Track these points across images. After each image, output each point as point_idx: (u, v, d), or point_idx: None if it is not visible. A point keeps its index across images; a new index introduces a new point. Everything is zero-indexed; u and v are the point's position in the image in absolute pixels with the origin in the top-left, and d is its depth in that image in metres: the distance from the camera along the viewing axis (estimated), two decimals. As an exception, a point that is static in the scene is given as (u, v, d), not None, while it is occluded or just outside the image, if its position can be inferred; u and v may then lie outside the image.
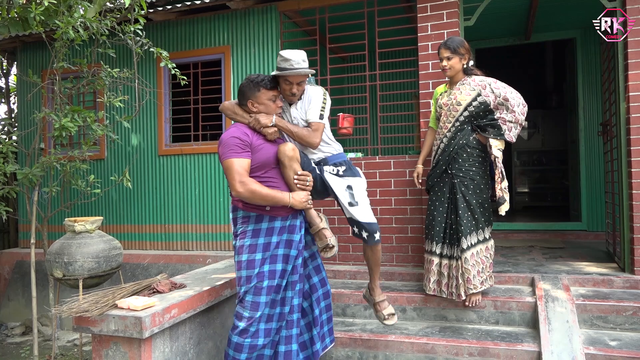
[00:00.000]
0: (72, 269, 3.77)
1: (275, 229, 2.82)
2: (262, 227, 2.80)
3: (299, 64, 2.79)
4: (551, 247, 5.38)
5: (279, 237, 2.83)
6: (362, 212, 2.95)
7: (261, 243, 2.79)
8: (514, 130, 3.47)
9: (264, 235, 2.80)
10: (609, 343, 3.17)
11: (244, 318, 2.75)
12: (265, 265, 2.78)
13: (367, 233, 2.96)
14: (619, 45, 4.01)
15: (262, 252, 2.78)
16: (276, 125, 2.83)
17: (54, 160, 4.33)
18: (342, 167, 3.03)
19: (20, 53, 6.34)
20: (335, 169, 3.01)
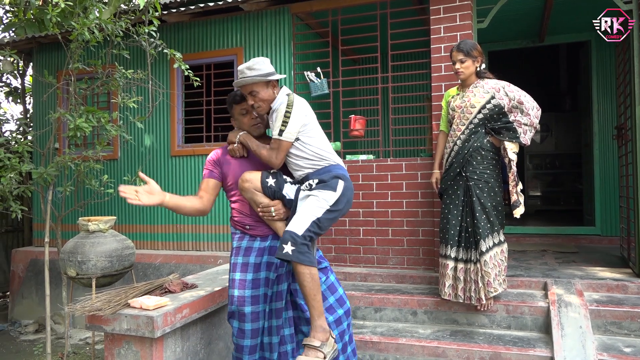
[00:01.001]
0: (85, 268, 3.80)
1: (254, 249, 2.70)
2: (242, 245, 2.73)
3: (243, 73, 2.55)
4: (564, 252, 5.33)
5: (259, 259, 2.69)
6: (292, 220, 2.51)
7: (239, 262, 2.70)
8: (528, 134, 3.46)
9: (242, 254, 2.71)
10: (623, 349, 3.13)
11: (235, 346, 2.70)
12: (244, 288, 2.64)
13: (280, 242, 2.45)
14: (634, 48, 3.97)
15: (240, 272, 2.68)
16: (241, 142, 2.71)
17: (69, 160, 4.38)
18: (315, 181, 2.57)
19: (36, 54, 6.43)
20: (308, 184, 2.58)
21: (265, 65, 2.57)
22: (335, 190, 2.53)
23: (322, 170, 2.61)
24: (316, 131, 2.65)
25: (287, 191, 2.63)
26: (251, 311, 2.64)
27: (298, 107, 2.55)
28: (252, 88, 2.56)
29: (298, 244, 2.41)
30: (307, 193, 2.56)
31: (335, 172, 2.60)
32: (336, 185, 2.55)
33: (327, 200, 2.51)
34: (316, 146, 2.61)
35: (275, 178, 2.63)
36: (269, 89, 2.59)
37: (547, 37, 6.35)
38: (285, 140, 2.53)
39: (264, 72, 2.54)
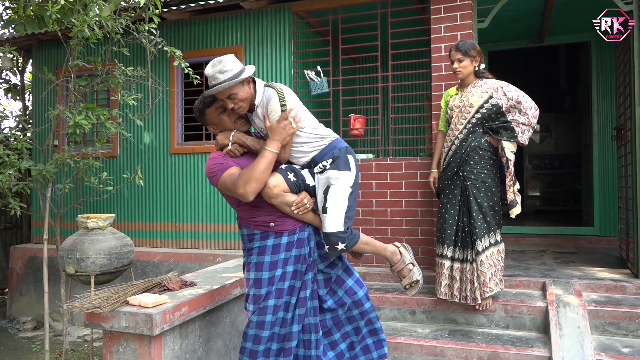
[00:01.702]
0: (84, 265, 3.80)
1: (282, 245, 2.56)
2: (268, 243, 2.57)
3: (216, 79, 2.38)
4: (563, 252, 5.34)
5: (287, 254, 2.56)
6: (327, 220, 2.52)
7: (267, 261, 2.56)
8: (526, 133, 3.46)
9: (270, 253, 2.56)
10: (621, 350, 3.14)
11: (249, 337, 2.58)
12: (273, 284, 2.54)
13: (328, 245, 2.55)
14: (634, 49, 3.97)
15: (269, 270, 2.55)
16: (235, 142, 2.53)
17: (68, 157, 4.37)
18: (329, 160, 2.54)
19: (35, 51, 6.42)
20: (321, 166, 2.56)
21: (235, 63, 2.42)
22: (350, 169, 2.56)
23: (326, 149, 2.56)
24: (305, 113, 2.59)
25: (308, 180, 2.58)
26: (274, 304, 2.53)
27: (289, 94, 2.49)
28: (230, 91, 2.41)
29: (346, 238, 2.54)
30: (325, 179, 2.53)
31: (339, 146, 2.58)
32: (348, 162, 2.55)
33: (346, 183, 2.54)
34: (312, 127, 2.57)
35: (293, 171, 2.55)
36: (245, 86, 2.46)
37: (547, 38, 6.35)
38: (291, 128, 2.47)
39: (237, 71, 2.39)
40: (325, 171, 2.53)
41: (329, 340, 2.73)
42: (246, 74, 2.41)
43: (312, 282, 2.62)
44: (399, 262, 2.72)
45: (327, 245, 2.55)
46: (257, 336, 2.55)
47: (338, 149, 2.56)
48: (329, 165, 2.53)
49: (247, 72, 2.42)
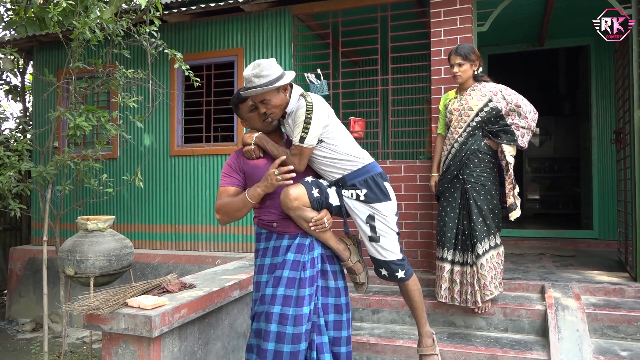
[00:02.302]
0: (83, 267, 3.80)
1: (282, 248, 2.49)
2: (270, 245, 2.53)
3: (251, 82, 2.35)
4: (562, 255, 5.34)
5: (284, 257, 2.47)
6: (383, 249, 2.56)
7: (267, 264, 2.51)
8: (526, 136, 3.47)
9: (270, 255, 2.51)
10: (620, 353, 3.14)
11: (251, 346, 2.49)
12: (268, 288, 2.46)
13: (387, 272, 2.62)
14: (633, 53, 3.98)
15: (267, 273, 2.50)
16: (257, 144, 2.51)
17: (68, 159, 4.38)
18: (362, 190, 2.49)
19: (36, 52, 6.43)
20: (354, 193, 2.51)
21: (273, 69, 2.36)
22: (391, 199, 2.56)
23: (358, 172, 2.51)
24: (340, 130, 2.52)
25: (332, 199, 2.51)
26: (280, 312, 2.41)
27: (318, 109, 2.38)
28: (264, 97, 2.37)
29: (405, 265, 2.63)
30: (365, 208, 2.51)
31: (373, 171, 2.53)
32: (386, 191, 2.54)
33: (391, 212, 2.56)
34: (344, 146, 2.50)
35: (318, 187, 2.47)
36: (280, 94, 2.41)
37: (546, 41, 6.37)
38: (306, 146, 2.39)
39: (274, 78, 2.34)
40: (365, 203, 2.51)
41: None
42: (282, 82, 2.36)
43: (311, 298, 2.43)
44: (429, 348, 2.82)
45: (386, 271, 2.62)
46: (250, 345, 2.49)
47: (371, 175, 2.52)
48: (363, 195, 2.50)
49: (283, 80, 2.37)
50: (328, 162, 2.51)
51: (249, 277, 3.80)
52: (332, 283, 2.53)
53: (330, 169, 2.52)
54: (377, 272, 2.66)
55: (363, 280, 2.65)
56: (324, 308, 2.49)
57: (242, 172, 2.55)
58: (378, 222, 2.53)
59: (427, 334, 2.83)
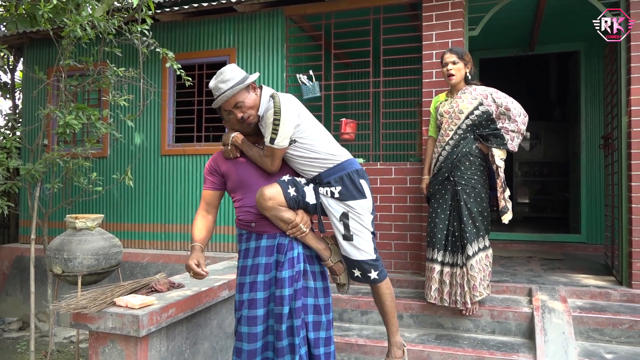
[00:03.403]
0: (71, 266, 3.78)
1: (261, 248, 2.49)
2: (251, 246, 2.53)
3: (219, 90, 2.39)
4: (550, 259, 5.39)
5: (267, 259, 2.48)
6: (356, 249, 2.52)
7: (249, 265, 2.52)
8: (516, 140, 3.50)
9: (252, 256, 2.51)
10: (605, 356, 3.18)
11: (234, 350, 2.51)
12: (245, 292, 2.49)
13: (360, 272, 2.56)
14: (622, 59, 4.04)
15: (249, 274, 2.50)
16: (233, 145, 2.54)
17: (57, 157, 4.35)
18: (337, 187, 2.46)
19: (27, 49, 6.39)
20: (329, 190, 2.48)
21: (236, 71, 2.41)
22: (366, 196, 2.50)
23: (334, 169, 2.48)
24: (314, 129, 2.49)
25: (309, 198, 2.49)
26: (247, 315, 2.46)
27: (287, 109, 2.35)
28: (236, 100, 2.39)
29: (378, 266, 2.57)
30: (339, 206, 2.48)
31: (349, 168, 2.49)
32: (362, 188, 2.49)
33: (366, 210, 2.51)
34: (319, 144, 2.47)
35: (295, 186, 2.45)
36: (250, 93, 2.43)
37: (537, 47, 6.43)
38: (277, 147, 2.38)
39: (239, 79, 2.38)
40: (339, 201, 2.47)
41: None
42: (248, 81, 2.39)
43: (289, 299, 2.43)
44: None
45: (359, 272, 2.55)
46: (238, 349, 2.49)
47: (347, 172, 2.48)
48: (337, 193, 2.46)
49: (250, 79, 2.40)
50: (304, 162, 2.49)
51: (238, 278, 3.79)
52: (312, 283, 2.53)
53: (307, 167, 2.51)
54: (350, 273, 2.61)
55: (344, 281, 2.62)
56: (303, 308, 2.49)
57: (219, 174, 2.60)
58: (352, 220, 2.49)
59: (397, 344, 2.72)
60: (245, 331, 2.46)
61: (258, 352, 2.46)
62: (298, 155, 2.48)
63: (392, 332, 2.73)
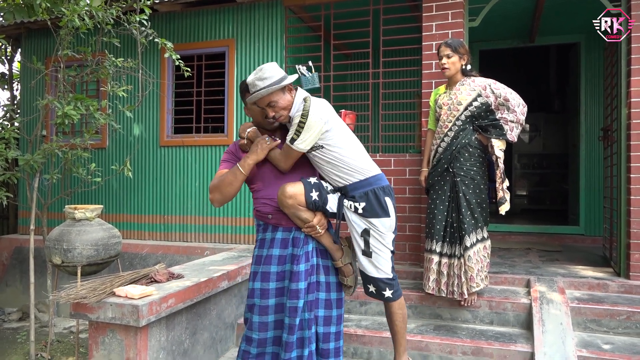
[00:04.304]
0: (70, 256, 3.78)
1: (276, 240, 2.51)
2: (267, 237, 2.55)
3: (255, 86, 2.36)
4: (548, 250, 5.40)
5: (282, 251, 2.50)
6: (373, 266, 2.53)
7: (264, 255, 2.54)
8: (515, 130, 3.50)
9: (267, 247, 2.54)
10: (602, 346, 3.20)
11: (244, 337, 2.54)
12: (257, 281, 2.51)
13: (375, 288, 2.58)
14: (622, 51, 4.02)
15: (262, 264, 2.52)
16: (249, 139, 2.53)
17: (56, 148, 4.34)
18: (361, 203, 2.44)
19: (24, 39, 6.35)
20: (352, 205, 2.46)
21: (275, 70, 2.37)
22: (390, 215, 2.49)
23: (360, 183, 2.46)
24: (343, 138, 2.45)
25: (330, 204, 2.47)
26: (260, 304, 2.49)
27: (314, 115, 2.34)
28: (270, 99, 2.37)
29: (394, 285, 2.58)
30: (361, 221, 2.47)
31: (375, 184, 2.47)
32: (387, 206, 2.47)
33: (388, 229, 2.50)
34: (347, 155, 2.43)
35: (318, 191, 2.44)
36: (286, 94, 2.41)
37: (537, 38, 6.40)
38: (295, 149, 2.37)
39: (277, 79, 2.35)
40: (362, 217, 2.46)
41: None
42: (285, 82, 2.36)
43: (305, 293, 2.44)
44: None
45: (374, 288, 2.57)
46: (248, 337, 2.51)
47: (373, 188, 2.46)
48: (361, 209, 2.45)
49: (287, 80, 2.37)
50: (329, 169, 2.47)
51: (238, 268, 3.81)
52: (323, 278, 2.54)
53: (333, 175, 2.48)
54: (365, 288, 2.62)
55: (350, 283, 2.60)
56: (315, 302, 2.51)
57: (239, 159, 2.56)
58: (373, 237, 2.48)
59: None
60: (256, 320, 2.48)
61: (268, 341, 2.49)
62: (325, 162, 2.46)
63: (399, 352, 2.75)
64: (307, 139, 2.36)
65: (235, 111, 5.35)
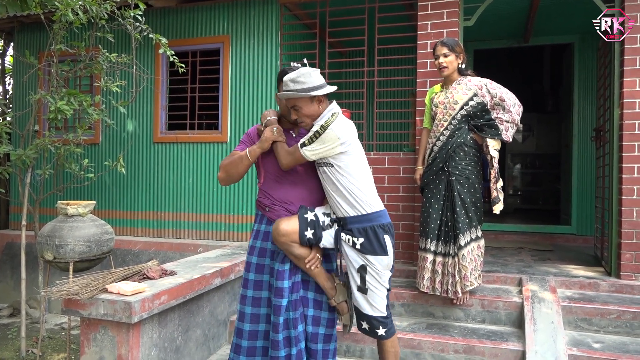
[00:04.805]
0: (63, 252, 3.76)
1: (270, 234, 2.52)
2: (262, 229, 2.57)
3: (286, 85, 2.37)
4: (540, 250, 5.44)
5: (275, 246, 2.49)
6: (368, 303, 2.49)
7: (258, 246, 2.56)
8: (510, 130, 3.51)
9: (261, 239, 2.56)
10: (592, 345, 3.22)
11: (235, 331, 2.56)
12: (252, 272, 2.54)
13: (368, 325, 2.52)
14: (615, 52, 4.05)
15: (257, 256, 2.55)
16: (266, 125, 2.51)
17: (48, 143, 4.31)
18: (360, 238, 2.42)
19: (17, 34, 6.30)
20: (351, 239, 2.44)
21: (311, 78, 2.36)
22: (387, 253, 2.45)
23: (361, 218, 2.43)
24: (356, 166, 2.42)
25: (325, 242, 2.47)
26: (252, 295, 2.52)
27: (333, 131, 2.33)
28: (295, 102, 2.38)
29: (387, 323, 2.53)
30: (359, 258, 2.45)
31: (375, 221, 2.45)
32: (385, 244, 2.44)
33: (385, 267, 2.47)
34: (353, 184, 2.40)
35: (313, 229, 2.43)
36: (313, 104, 2.39)
37: (532, 38, 6.43)
38: (301, 153, 2.37)
39: (308, 87, 2.34)
40: (360, 253, 2.44)
41: None
42: (315, 93, 2.34)
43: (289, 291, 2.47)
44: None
45: (367, 325, 2.52)
46: (239, 330, 2.53)
47: (373, 225, 2.43)
48: (359, 244, 2.42)
49: (316, 92, 2.35)
50: (332, 190, 2.45)
51: (231, 266, 3.80)
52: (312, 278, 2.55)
53: (335, 198, 2.45)
54: (358, 324, 2.58)
55: (346, 322, 2.59)
56: (303, 301, 2.52)
57: (254, 143, 2.57)
58: (369, 275, 2.45)
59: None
60: (249, 312, 2.49)
61: (259, 335, 2.50)
62: (331, 182, 2.44)
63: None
64: (317, 150, 2.35)
65: (229, 108, 5.33)
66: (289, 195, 2.52)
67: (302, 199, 2.53)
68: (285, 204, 2.52)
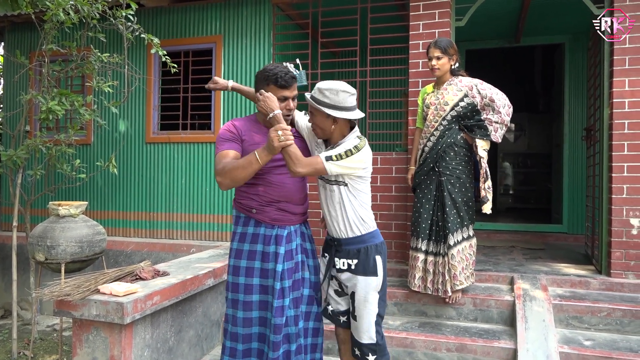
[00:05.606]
0: (54, 253, 3.74)
1: (260, 236, 2.47)
2: (249, 231, 2.50)
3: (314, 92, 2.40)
4: (531, 248, 5.47)
5: (266, 247, 2.45)
6: (359, 330, 2.49)
7: (246, 250, 2.49)
8: (499, 131, 3.53)
9: (249, 242, 2.49)
10: (583, 343, 3.25)
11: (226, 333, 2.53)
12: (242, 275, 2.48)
13: (359, 352, 2.51)
14: (605, 52, 4.08)
15: (246, 259, 2.48)
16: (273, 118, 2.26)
17: (40, 143, 4.29)
18: (354, 260, 2.45)
19: (8, 33, 6.25)
20: (345, 262, 2.47)
21: (337, 97, 2.34)
22: (377, 274, 2.45)
23: (358, 239, 2.45)
24: (366, 189, 2.48)
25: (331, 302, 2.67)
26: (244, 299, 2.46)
27: (362, 156, 2.36)
28: (311, 110, 2.43)
29: (378, 351, 2.49)
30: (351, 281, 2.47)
31: (369, 242, 2.47)
32: (375, 266, 2.44)
33: (373, 288, 2.45)
34: (360, 205, 2.44)
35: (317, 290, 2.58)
36: (328, 120, 2.38)
37: (523, 38, 6.47)
38: (323, 163, 2.30)
39: (328, 103, 2.33)
40: (353, 274, 2.45)
41: None
42: (329, 111, 2.33)
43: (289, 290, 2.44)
44: None
45: (359, 352, 2.51)
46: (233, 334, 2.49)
47: (366, 246, 2.46)
48: (354, 265, 2.44)
49: (332, 112, 2.33)
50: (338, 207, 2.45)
51: (224, 266, 3.79)
52: (308, 274, 2.56)
53: (337, 215, 2.47)
54: (352, 350, 2.57)
55: None
56: (300, 299, 2.51)
57: (241, 140, 2.46)
58: (356, 299, 2.46)
59: None
60: (241, 316, 2.46)
61: (253, 337, 2.47)
62: (339, 200, 2.44)
63: None
64: (340, 167, 2.33)
65: (222, 108, 5.33)
66: (278, 195, 2.47)
67: (291, 198, 2.50)
68: (276, 203, 2.48)
